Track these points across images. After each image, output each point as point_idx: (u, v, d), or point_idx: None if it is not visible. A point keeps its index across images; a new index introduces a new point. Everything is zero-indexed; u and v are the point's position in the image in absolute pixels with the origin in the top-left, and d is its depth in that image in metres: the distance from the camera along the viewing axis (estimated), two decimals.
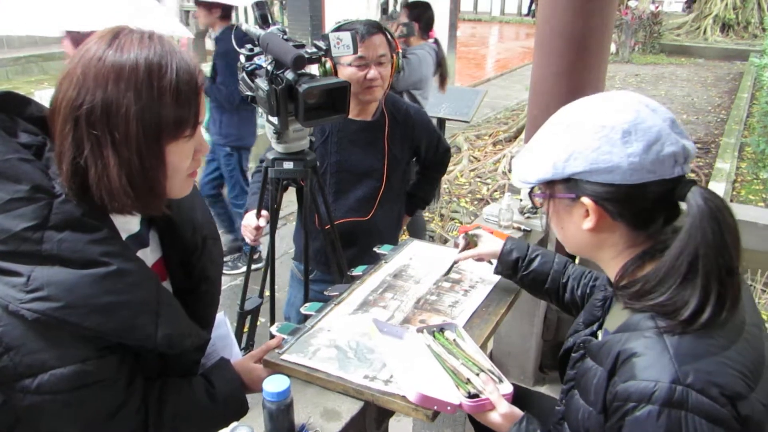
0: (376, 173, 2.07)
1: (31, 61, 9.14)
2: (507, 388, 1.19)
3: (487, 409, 1.15)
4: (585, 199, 0.96)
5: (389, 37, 1.99)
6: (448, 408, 1.14)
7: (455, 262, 1.63)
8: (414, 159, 2.29)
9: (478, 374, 1.21)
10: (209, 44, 9.07)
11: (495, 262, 1.56)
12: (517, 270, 1.51)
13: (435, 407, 1.14)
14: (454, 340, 1.33)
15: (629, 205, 0.95)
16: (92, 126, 0.89)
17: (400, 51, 2.06)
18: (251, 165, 3.89)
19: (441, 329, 1.36)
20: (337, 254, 1.96)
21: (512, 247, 1.53)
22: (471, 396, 1.15)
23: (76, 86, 0.89)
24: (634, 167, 0.91)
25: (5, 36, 9.75)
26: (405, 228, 2.80)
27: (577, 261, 1.56)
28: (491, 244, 1.59)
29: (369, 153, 2.07)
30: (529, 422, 1.11)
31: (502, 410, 1.14)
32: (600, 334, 1.11)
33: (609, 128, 0.93)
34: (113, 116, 0.88)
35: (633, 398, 0.85)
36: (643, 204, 0.95)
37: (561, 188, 1.00)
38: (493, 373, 1.22)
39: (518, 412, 1.15)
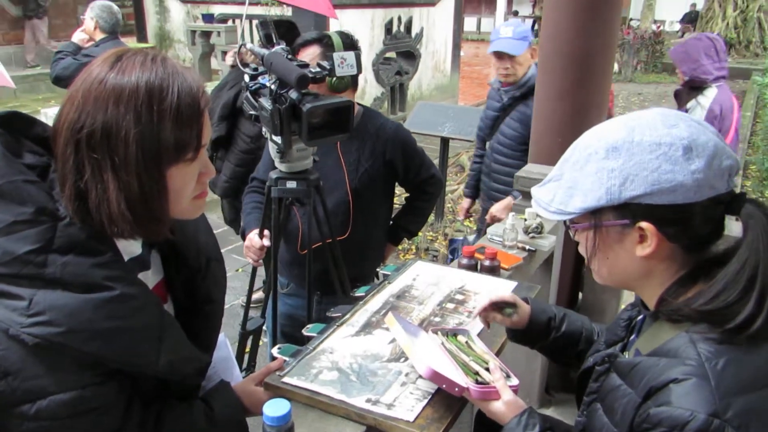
0: (342, 186, 2.03)
1: (38, 79, 9.23)
2: (513, 381, 1.20)
3: (492, 397, 1.14)
4: (644, 224, 0.91)
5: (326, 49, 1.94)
6: (456, 389, 1.15)
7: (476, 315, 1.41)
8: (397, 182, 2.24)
9: (487, 369, 1.22)
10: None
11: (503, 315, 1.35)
12: (549, 331, 1.33)
13: (444, 385, 1.16)
14: (467, 342, 1.35)
15: (689, 225, 0.91)
16: (93, 149, 0.88)
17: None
18: None
19: (454, 333, 1.38)
20: (339, 271, 1.95)
21: (541, 306, 1.36)
22: (478, 383, 1.17)
23: (77, 109, 0.88)
24: (699, 184, 0.87)
25: (14, 53, 9.88)
26: None
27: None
28: (521, 314, 1.35)
29: (335, 165, 2.03)
30: (531, 416, 1.09)
31: (506, 398, 1.13)
32: (627, 355, 1.06)
33: (667, 146, 0.89)
34: (113, 139, 0.87)
35: (665, 424, 0.81)
36: (701, 222, 0.91)
37: (611, 215, 0.94)
38: (501, 370, 1.22)
39: (521, 403, 1.13)
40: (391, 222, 2.34)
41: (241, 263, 4.30)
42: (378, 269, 1.85)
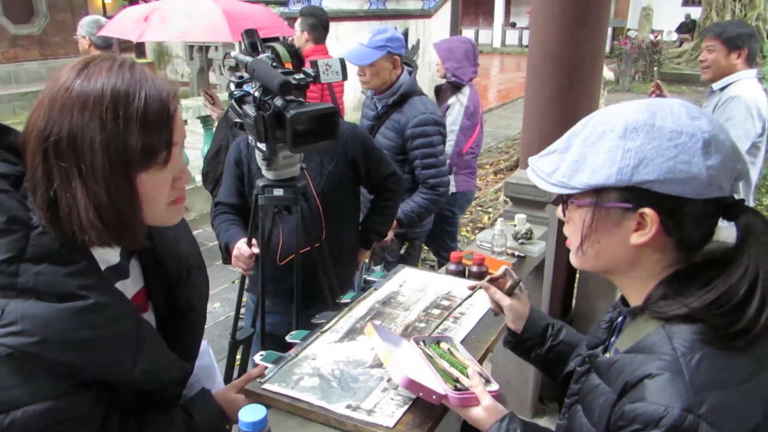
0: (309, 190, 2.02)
1: (37, 96, 9.27)
2: (493, 386, 1.18)
3: (472, 404, 1.12)
4: (647, 210, 0.88)
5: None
6: (434, 397, 1.14)
7: (476, 288, 1.38)
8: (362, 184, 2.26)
9: (467, 376, 1.20)
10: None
11: (506, 320, 1.35)
12: (546, 338, 1.31)
13: (421, 393, 1.15)
14: (449, 349, 1.33)
15: (689, 222, 0.89)
16: (60, 158, 0.87)
17: None
18: None
19: (437, 341, 1.36)
20: (329, 277, 1.94)
21: (539, 312, 1.35)
22: (457, 390, 1.15)
23: (44, 117, 0.88)
24: (712, 180, 0.86)
25: (13, 71, 9.94)
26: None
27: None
28: (523, 303, 1.35)
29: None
30: (511, 421, 1.07)
31: (485, 403, 1.11)
32: (608, 356, 1.04)
33: (688, 136, 0.86)
34: (79, 147, 0.87)
35: (639, 420, 0.80)
36: (700, 221, 0.89)
37: (615, 196, 0.91)
38: (480, 375, 1.20)
39: (502, 408, 1.11)
40: (360, 226, 2.35)
41: (236, 275, 4.27)
42: (361, 273, 1.83)
